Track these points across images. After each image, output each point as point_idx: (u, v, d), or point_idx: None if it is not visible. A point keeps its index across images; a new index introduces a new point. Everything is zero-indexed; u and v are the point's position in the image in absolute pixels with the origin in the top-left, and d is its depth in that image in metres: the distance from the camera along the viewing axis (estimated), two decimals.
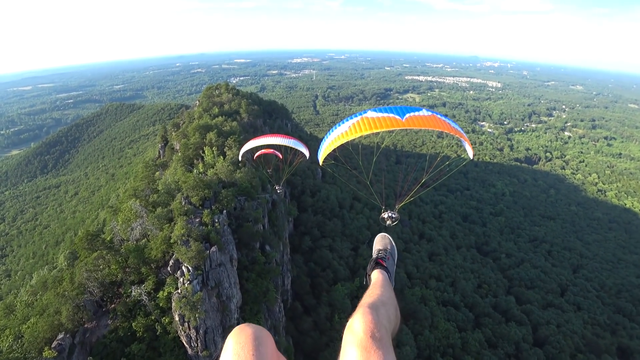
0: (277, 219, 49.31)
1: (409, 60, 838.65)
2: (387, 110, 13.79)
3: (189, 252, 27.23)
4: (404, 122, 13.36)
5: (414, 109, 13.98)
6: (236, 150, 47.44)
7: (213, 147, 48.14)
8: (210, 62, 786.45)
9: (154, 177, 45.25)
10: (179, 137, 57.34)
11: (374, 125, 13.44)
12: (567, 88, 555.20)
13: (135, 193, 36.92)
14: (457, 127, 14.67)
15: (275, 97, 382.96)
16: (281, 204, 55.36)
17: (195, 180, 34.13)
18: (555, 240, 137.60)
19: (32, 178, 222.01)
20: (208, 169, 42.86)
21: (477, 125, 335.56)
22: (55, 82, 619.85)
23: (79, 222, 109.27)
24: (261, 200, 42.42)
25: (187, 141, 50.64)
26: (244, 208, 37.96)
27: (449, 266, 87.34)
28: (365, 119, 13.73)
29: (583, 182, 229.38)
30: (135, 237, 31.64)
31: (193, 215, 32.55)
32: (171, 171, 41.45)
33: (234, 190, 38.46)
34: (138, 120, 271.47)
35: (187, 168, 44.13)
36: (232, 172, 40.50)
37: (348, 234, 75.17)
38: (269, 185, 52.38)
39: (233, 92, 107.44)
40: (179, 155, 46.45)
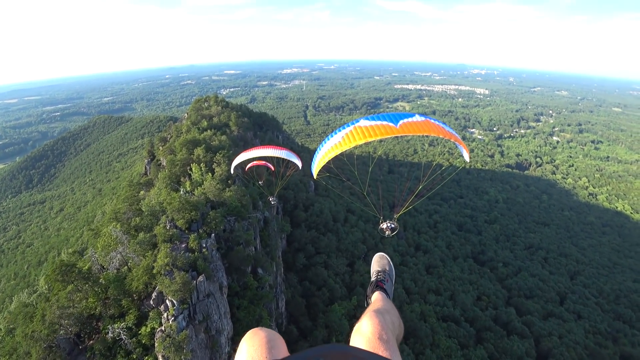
0: (269, 237, 46.90)
1: (398, 69, 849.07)
2: (379, 118, 13.50)
3: (173, 284, 24.69)
4: (398, 129, 13.07)
5: (407, 115, 13.73)
6: (225, 166, 45.21)
7: (201, 164, 45.64)
8: (200, 73, 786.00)
9: (139, 197, 42.46)
10: (166, 152, 54.80)
11: (368, 134, 13.09)
12: (552, 93, 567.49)
13: (116, 216, 34.14)
14: (451, 131, 14.43)
15: (266, 108, 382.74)
16: (273, 222, 53.01)
17: (180, 201, 31.63)
18: (550, 247, 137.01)
19: (17, 193, 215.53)
20: (195, 187, 40.33)
21: (467, 132, 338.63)
22: (42, 94, 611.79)
23: (63, 241, 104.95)
24: (252, 220, 40.00)
25: (173, 157, 48.02)
26: (234, 229, 35.51)
27: (447, 278, 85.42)
28: (358, 128, 13.37)
29: (574, 186, 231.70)
30: (115, 266, 28.94)
31: (178, 241, 29.92)
32: (156, 191, 38.92)
33: (223, 211, 36.03)
34: (126, 133, 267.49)
35: (173, 187, 41.51)
36: (220, 191, 38.10)
37: (343, 249, 72.87)
38: (261, 203, 50.04)
39: (222, 104, 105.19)
40: (165, 173, 43.87)
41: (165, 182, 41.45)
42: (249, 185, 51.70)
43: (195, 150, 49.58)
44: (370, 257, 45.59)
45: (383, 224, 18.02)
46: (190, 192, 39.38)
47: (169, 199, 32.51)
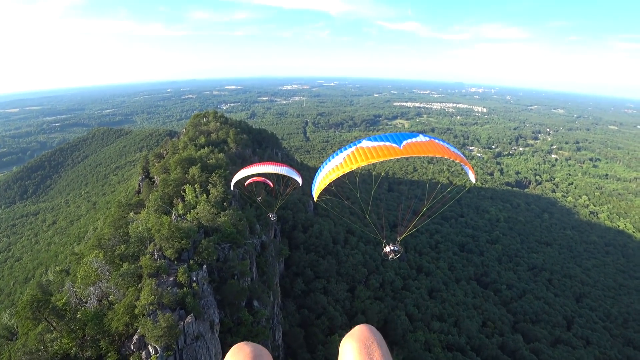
0: (266, 264, 44.11)
1: (397, 87, 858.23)
2: (382, 139, 13.06)
3: (156, 328, 21.88)
4: (402, 150, 12.67)
5: (410, 135, 13.38)
6: (221, 187, 42.82)
7: (195, 184, 43.23)
8: (201, 88, 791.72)
9: (127, 219, 39.82)
10: (160, 171, 52.37)
11: (371, 155, 12.62)
12: (549, 112, 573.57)
13: (99, 242, 31.32)
14: (457, 152, 14.09)
15: (266, 124, 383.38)
16: (271, 246, 50.30)
17: (170, 228, 29.05)
18: (554, 268, 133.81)
19: (11, 204, 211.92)
20: (189, 210, 37.82)
21: (466, 149, 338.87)
22: (44, 104, 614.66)
23: (52, 257, 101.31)
24: (248, 247, 37.33)
25: (167, 177, 45.55)
26: (228, 258, 32.78)
27: (451, 303, 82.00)
28: (360, 149, 12.92)
29: (574, 204, 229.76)
30: (94, 302, 26.06)
31: (166, 274, 27.14)
32: (145, 215, 36.40)
33: (216, 238, 33.42)
34: (125, 146, 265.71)
35: (164, 209, 38.96)
36: (215, 216, 35.60)
37: (343, 272, 69.76)
38: (258, 226, 47.46)
39: (221, 120, 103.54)
40: (156, 194, 41.32)
41: (156, 203, 38.93)
42: (246, 206, 49.29)
43: (190, 169, 47.29)
44: (371, 282, 43.03)
45: (386, 247, 17.72)
46: (183, 215, 36.86)
47: (157, 225, 29.99)
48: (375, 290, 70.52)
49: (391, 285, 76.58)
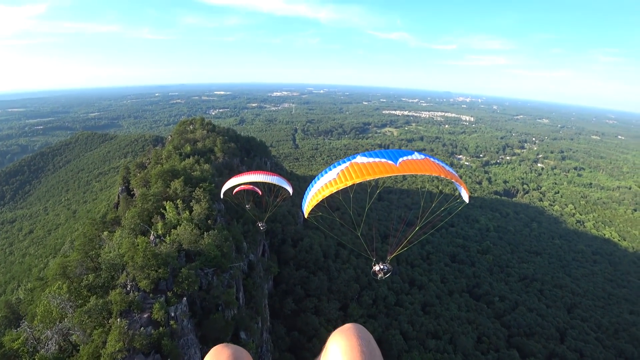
0: (254, 286, 40.87)
1: (386, 95, 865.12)
2: (377, 155, 12.84)
3: None
4: (398, 168, 12.45)
5: (405, 153, 13.19)
6: (205, 203, 39.59)
7: (178, 200, 39.83)
8: (190, 93, 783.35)
9: (100, 239, 36.00)
10: (139, 183, 48.63)
11: (366, 172, 12.34)
12: (534, 121, 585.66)
13: (64, 271, 27.49)
14: (451, 171, 13.96)
15: (255, 130, 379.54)
16: (259, 265, 47.13)
17: (145, 255, 25.67)
18: (545, 278, 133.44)
19: None
20: (169, 230, 34.47)
21: (454, 158, 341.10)
22: (27, 106, 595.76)
23: (25, 271, 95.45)
24: (234, 272, 34.17)
25: (146, 191, 41.91)
26: (212, 286, 29.49)
27: (445, 318, 79.75)
28: (355, 165, 12.62)
29: (561, 213, 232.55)
30: (54, 345, 22.42)
31: (139, 310, 23.74)
32: (118, 236, 32.71)
33: (199, 263, 30.22)
34: (109, 151, 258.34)
35: (142, 228, 35.45)
36: (197, 237, 32.38)
37: (335, 289, 66.77)
38: (245, 244, 44.30)
39: (208, 127, 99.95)
40: (134, 210, 37.62)
41: (133, 221, 35.36)
42: (233, 222, 46.11)
43: (172, 182, 43.84)
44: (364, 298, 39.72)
45: (375, 266, 17.19)
46: (162, 236, 33.56)
47: (130, 251, 26.64)
48: (368, 307, 67.79)
49: (384, 301, 73.99)
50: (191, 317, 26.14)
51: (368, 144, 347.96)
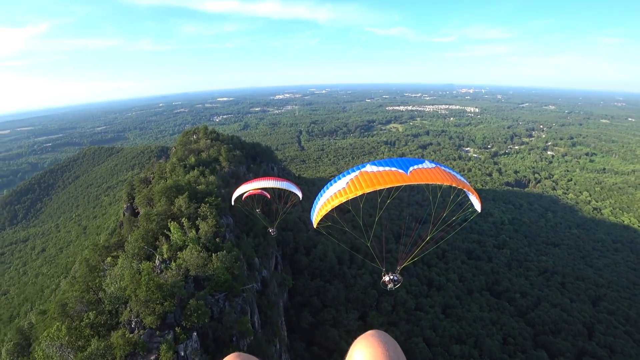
0: (269, 305, 38.74)
1: (388, 92, 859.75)
2: (388, 164, 12.78)
3: None
4: (409, 177, 12.40)
5: (416, 162, 13.16)
6: (212, 220, 37.49)
7: (183, 219, 37.77)
8: (193, 101, 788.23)
9: (104, 266, 34.07)
10: (143, 201, 46.79)
11: (376, 181, 12.17)
12: (540, 108, 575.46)
13: (63, 309, 25.47)
14: (463, 180, 13.90)
15: (259, 135, 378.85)
16: (273, 282, 44.90)
17: (149, 289, 23.53)
18: (566, 270, 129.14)
19: (0, 230, 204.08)
20: (174, 253, 32.35)
21: (462, 151, 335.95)
22: (35, 125, 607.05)
23: (38, 292, 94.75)
24: (248, 295, 31.95)
25: (149, 211, 39.95)
26: (224, 313, 27.26)
27: (468, 321, 76.74)
28: (364, 174, 12.49)
29: (576, 201, 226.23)
30: None
31: (144, 351, 21.67)
32: (120, 265, 30.42)
33: (209, 290, 28.04)
34: (117, 165, 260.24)
35: (146, 252, 33.39)
36: (205, 261, 30.20)
37: (352, 298, 64.34)
38: (257, 259, 42.15)
39: (212, 136, 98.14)
40: (137, 232, 35.58)
41: (137, 245, 33.29)
42: (242, 236, 43.98)
43: (176, 199, 41.85)
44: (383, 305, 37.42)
45: (385, 276, 16.95)
46: (167, 261, 31.46)
47: (133, 284, 24.55)
48: (388, 314, 65.24)
49: (404, 307, 71.33)
50: (203, 353, 24.03)
51: (374, 142, 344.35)
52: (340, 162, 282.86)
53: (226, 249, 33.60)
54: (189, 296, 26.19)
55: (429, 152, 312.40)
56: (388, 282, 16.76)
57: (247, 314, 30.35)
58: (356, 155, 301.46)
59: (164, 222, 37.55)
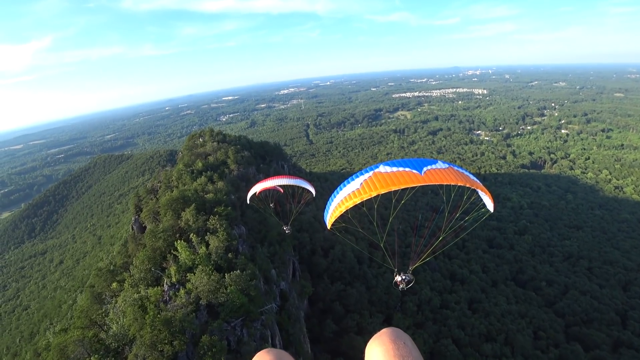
0: (290, 321, 35.99)
1: (394, 79, 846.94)
2: (401, 164, 12.79)
3: None
4: (423, 178, 12.37)
5: (429, 162, 13.21)
6: (222, 233, 34.71)
7: (191, 234, 35.08)
8: (199, 102, 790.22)
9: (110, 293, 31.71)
10: (149, 216, 44.42)
11: (391, 182, 12.21)
12: (551, 86, 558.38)
13: (63, 353, 22.98)
14: (476, 180, 14.01)
15: (267, 131, 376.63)
16: (292, 293, 42.16)
17: (154, 328, 20.83)
18: (592, 255, 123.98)
19: (19, 244, 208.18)
20: (184, 275, 29.60)
21: (473, 135, 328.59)
22: (47, 137, 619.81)
23: (56, 307, 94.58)
24: (267, 319, 29.16)
25: (155, 228, 37.36)
26: (242, 343, 24.52)
27: (496, 315, 73.30)
28: (378, 175, 12.52)
29: (596, 180, 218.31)
30: None
31: None
32: (122, 299, 27.35)
33: (223, 316, 25.27)
34: (127, 172, 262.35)
35: (153, 275, 30.87)
36: (217, 285, 27.28)
37: (376, 300, 61.51)
38: (274, 271, 39.41)
39: (218, 138, 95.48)
40: (142, 254, 32.90)
41: (142, 268, 30.75)
42: (257, 246, 41.23)
43: (183, 213, 39.23)
44: (407, 305, 40.60)
45: (397, 276, 17.05)
46: (176, 285, 28.84)
47: (137, 324, 21.90)
48: (413, 315, 62.32)
49: (429, 305, 68.32)
50: None
51: (382, 131, 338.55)
52: (350, 154, 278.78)
53: (240, 266, 30.91)
54: (201, 329, 23.54)
55: (440, 138, 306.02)
56: (400, 282, 16.68)
57: (267, 340, 27.77)
58: (366, 146, 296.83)
59: (171, 238, 35.02)
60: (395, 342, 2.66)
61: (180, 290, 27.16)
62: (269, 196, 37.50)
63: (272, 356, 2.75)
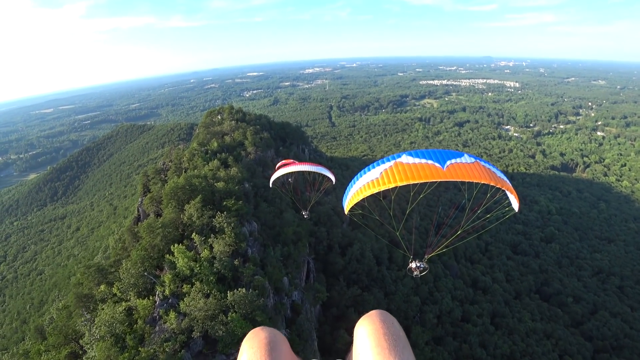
0: (301, 338, 31.33)
1: (422, 65, 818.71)
2: (424, 155, 12.41)
3: None
4: (445, 173, 12.07)
5: (454, 155, 12.74)
6: (230, 234, 29.90)
7: (193, 234, 30.37)
8: (223, 76, 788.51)
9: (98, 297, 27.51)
10: (151, 204, 39.86)
11: (411, 174, 12.01)
12: (589, 83, 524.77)
13: None
14: (502, 177, 13.59)
15: (289, 110, 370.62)
16: (305, 304, 37.60)
17: None
18: (624, 272, 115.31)
19: (42, 207, 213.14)
20: (179, 286, 25.08)
21: (502, 129, 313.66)
22: (76, 103, 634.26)
23: (65, 278, 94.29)
24: None
25: (153, 222, 32.77)
26: None
27: (520, 334, 67.65)
28: (399, 165, 12.30)
29: (632, 190, 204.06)
30: None
31: None
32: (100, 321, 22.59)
33: (222, 347, 20.98)
34: (147, 142, 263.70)
35: (146, 281, 26.43)
36: (216, 309, 22.30)
37: (394, 308, 56.49)
38: (286, 279, 34.72)
39: (238, 116, 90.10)
40: (134, 256, 27.97)
41: (135, 272, 26.38)
42: (269, 248, 36.56)
43: (187, 206, 34.42)
44: (427, 316, 45.22)
45: (412, 263, 17.58)
46: (169, 300, 24.44)
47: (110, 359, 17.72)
48: (432, 327, 57.46)
49: (449, 317, 63.23)
50: None
51: (407, 118, 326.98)
52: (372, 140, 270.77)
53: (247, 277, 26.42)
54: None
55: (466, 130, 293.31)
56: (415, 268, 16.87)
57: None
58: (389, 133, 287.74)
59: (171, 234, 30.67)
60: (384, 322, 2.85)
61: (170, 313, 22.74)
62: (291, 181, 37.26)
63: (265, 332, 2.88)
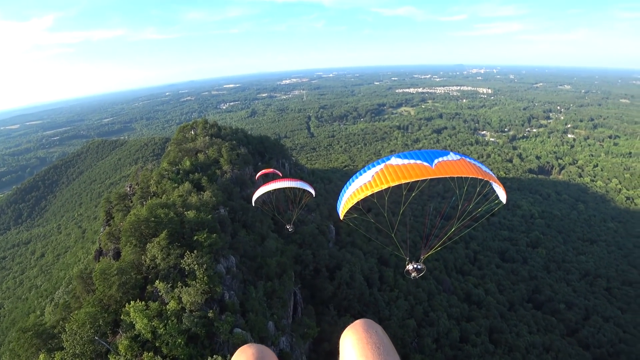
0: None
1: (397, 74, 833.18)
2: (413, 156, 12.78)
3: None
4: (434, 170, 12.41)
5: (441, 154, 13.15)
6: (204, 275, 24.74)
7: (157, 282, 24.85)
8: (199, 89, 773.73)
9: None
10: (108, 242, 33.82)
11: (402, 174, 12.32)
12: (555, 88, 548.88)
13: None
14: (488, 171, 14.01)
15: (267, 122, 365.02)
16: (295, 351, 32.70)
17: None
18: (609, 273, 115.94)
19: (5, 231, 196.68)
20: (139, 353, 20.10)
21: (478, 135, 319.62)
22: (44, 118, 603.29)
23: (24, 315, 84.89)
24: None
25: (107, 266, 26.77)
26: None
27: (520, 350, 64.52)
28: (390, 167, 12.59)
29: (606, 189, 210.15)
30: None
31: None
32: None
33: None
34: (120, 159, 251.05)
35: (97, 348, 21.03)
36: None
37: (390, 335, 51.75)
38: (271, 324, 29.68)
39: (212, 131, 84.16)
40: (82, 314, 21.86)
41: (81, 339, 20.84)
42: (250, 287, 31.44)
43: (150, 245, 28.88)
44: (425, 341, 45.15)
45: (409, 265, 17.33)
46: None
47: None
48: (432, 353, 53.36)
49: (447, 338, 59.39)
50: None
51: (386, 126, 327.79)
52: (352, 149, 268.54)
53: (223, 332, 21.59)
54: None
55: (444, 137, 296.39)
56: (412, 270, 16.80)
57: None
58: (368, 142, 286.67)
59: (131, 282, 25.22)
60: (367, 332, 2.81)
61: None
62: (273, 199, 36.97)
63: (253, 349, 2.81)
